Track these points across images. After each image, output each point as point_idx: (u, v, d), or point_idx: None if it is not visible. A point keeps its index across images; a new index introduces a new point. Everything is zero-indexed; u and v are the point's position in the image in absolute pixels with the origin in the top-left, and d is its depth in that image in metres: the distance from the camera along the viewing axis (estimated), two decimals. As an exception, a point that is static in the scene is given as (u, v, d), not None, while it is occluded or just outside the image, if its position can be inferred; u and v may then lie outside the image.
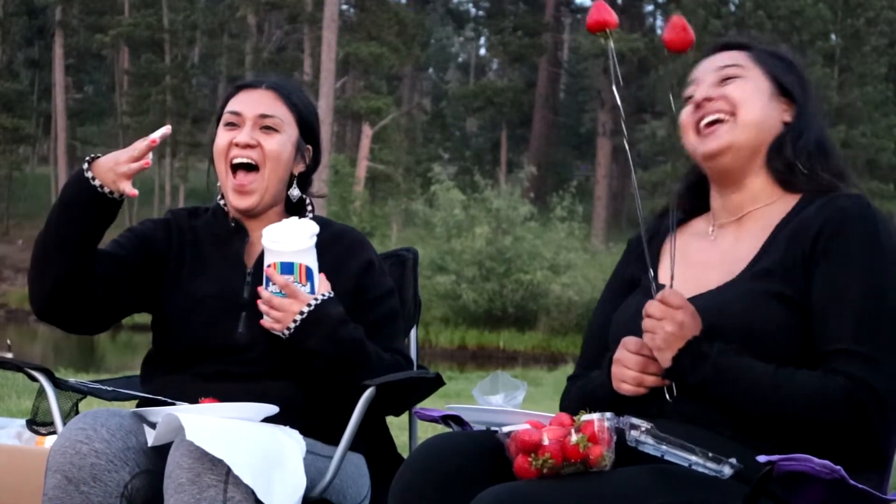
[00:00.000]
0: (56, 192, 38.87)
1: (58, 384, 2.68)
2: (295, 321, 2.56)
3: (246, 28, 39.67)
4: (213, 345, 2.64)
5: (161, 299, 2.73)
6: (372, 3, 37.81)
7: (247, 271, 2.71)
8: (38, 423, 2.78)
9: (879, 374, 2.06)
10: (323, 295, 2.60)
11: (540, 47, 41.39)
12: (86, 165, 2.54)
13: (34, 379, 2.68)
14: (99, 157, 2.56)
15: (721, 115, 2.26)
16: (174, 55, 40.95)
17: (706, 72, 2.32)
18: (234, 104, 2.74)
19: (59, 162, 40.04)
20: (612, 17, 2.15)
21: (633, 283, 2.37)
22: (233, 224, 2.76)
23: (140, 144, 2.51)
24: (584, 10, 48.29)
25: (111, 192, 2.52)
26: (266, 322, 2.59)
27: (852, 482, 1.92)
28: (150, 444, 2.42)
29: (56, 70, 40.74)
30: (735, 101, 2.26)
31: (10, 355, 6.42)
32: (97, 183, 2.51)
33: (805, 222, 2.17)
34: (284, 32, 40.75)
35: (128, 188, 2.52)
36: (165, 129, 2.53)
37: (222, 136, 2.72)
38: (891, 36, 36.55)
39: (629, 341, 2.17)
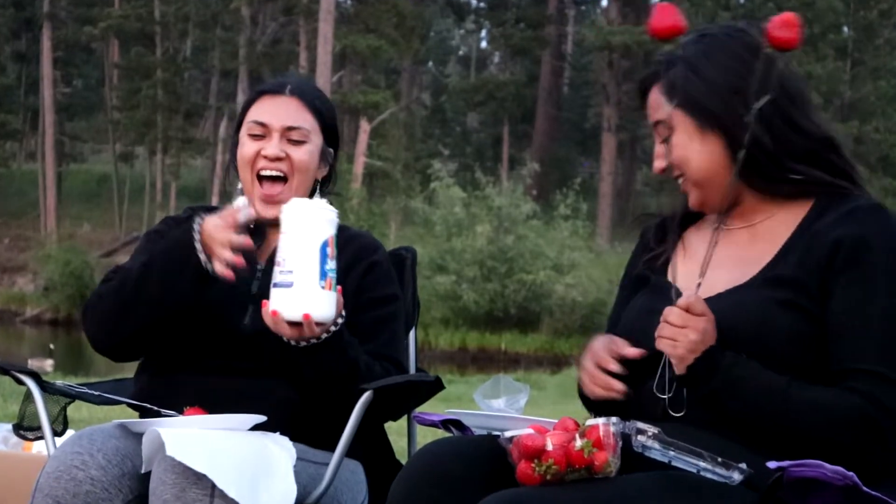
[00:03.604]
0: (43, 190, 40.43)
1: (45, 388, 2.72)
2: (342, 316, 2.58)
3: (240, 20, 39.73)
4: (218, 335, 2.67)
5: None
6: (370, -5, 38.28)
7: (258, 267, 2.75)
8: (25, 427, 2.81)
9: None
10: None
11: (543, 40, 41.51)
12: (196, 236, 2.60)
13: (21, 382, 2.72)
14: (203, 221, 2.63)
15: (680, 179, 2.30)
16: (165, 48, 41.09)
17: (650, 121, 2.32)
18: (258, 113, 2.80)
19: (46, 158, 40.39)
20: (682, 20, 2.10)
21: (642, 280, 2.37)
22: (251, 226, 2.76)
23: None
24: (587, 1, 48.69)
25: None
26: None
27: (865, 489, 1.94)
28: (143, 469, 2.41)
29: (44, 63, 40.96)
30: (677, 164, 2.27)
31: (51, 361, 6.29)
32: (203, 258, 2.58)
33: (821, 233, 2.18)
34: (279, 24, 40.90)
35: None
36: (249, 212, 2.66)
37: (249, 146, 2.78)
38: (904, 29, 36.95)
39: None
